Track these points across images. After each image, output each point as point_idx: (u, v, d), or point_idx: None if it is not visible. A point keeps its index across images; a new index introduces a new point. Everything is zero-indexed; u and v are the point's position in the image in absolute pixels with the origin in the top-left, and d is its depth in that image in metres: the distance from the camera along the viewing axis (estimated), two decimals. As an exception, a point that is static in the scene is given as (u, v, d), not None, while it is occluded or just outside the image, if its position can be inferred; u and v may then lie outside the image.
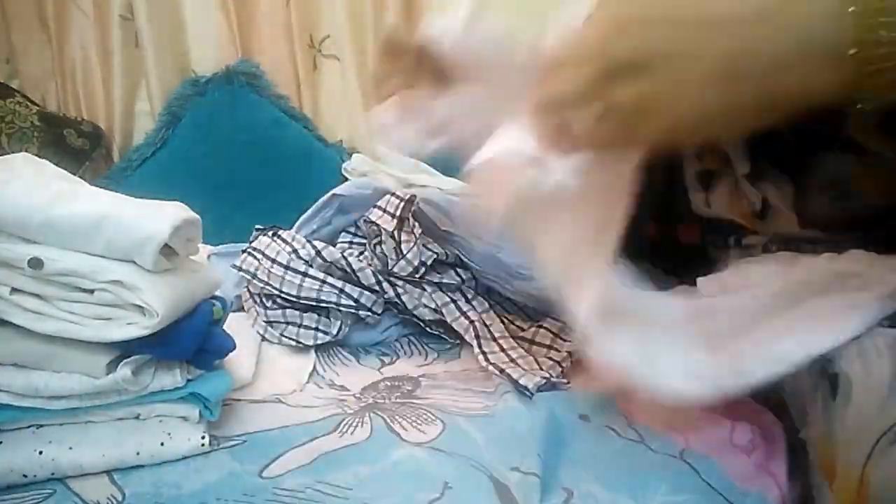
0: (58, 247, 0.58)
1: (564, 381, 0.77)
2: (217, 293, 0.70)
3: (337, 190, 1.08)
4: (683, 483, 0.60)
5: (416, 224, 0.91)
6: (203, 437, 0.62)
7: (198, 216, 0.66)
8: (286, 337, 0.88)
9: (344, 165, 1.47)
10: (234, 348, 0.69)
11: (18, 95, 1.36)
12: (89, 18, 1.41)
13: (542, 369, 0.78)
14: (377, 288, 0.91)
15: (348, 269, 0.91)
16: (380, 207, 0.95)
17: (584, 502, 0.57)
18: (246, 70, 1.43)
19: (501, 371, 0.77)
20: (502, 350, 0.83)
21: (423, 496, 0.57)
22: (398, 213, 0.91)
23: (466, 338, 0.86)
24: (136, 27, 1.39)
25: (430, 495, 0.57)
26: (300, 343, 0.88)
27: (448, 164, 1.48)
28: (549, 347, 0.84)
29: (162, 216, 0.60)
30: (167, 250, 0.60)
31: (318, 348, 0.89)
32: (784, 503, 0.59)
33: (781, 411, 0.67)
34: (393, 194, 0.96)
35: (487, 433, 0.66)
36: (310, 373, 0.83)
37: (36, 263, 0.56)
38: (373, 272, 0.91)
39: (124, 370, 0.58)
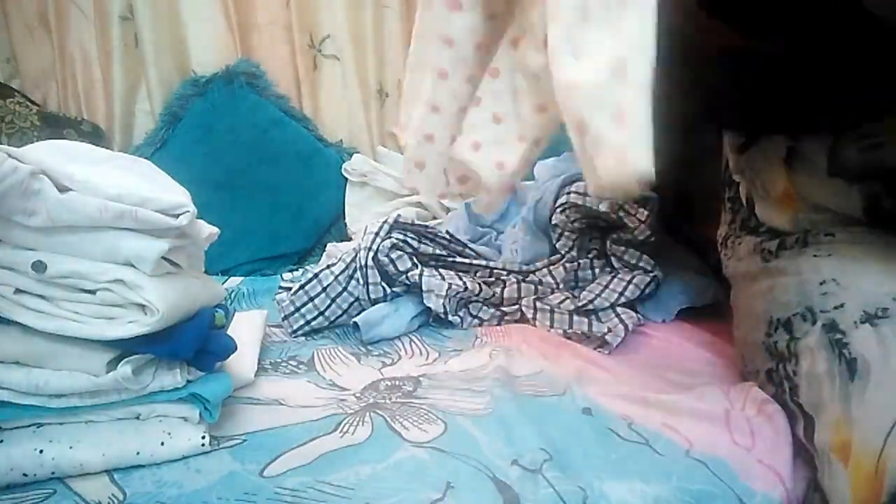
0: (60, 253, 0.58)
1: None
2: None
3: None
4: (694, 476, 0.60)
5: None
6: (203, 437, 0.62)
7: (216, 230, 0.69)
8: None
9: (344, 165, 1.47)
10: (236, 350, 0.69)
11: (18, 95, 1.36)
12: (89, 18, 1.41)
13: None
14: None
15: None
16: None
17: (598, 500, 0.57)
18: (246, 70, 1.43)
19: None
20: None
21: (425, 496, 0.57)
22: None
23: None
24: (136, 27, 1.39)
25: (432, 495, 0.57)
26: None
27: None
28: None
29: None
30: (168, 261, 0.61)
31: (319, 348, 0.90)
32: (789, 500, 0.59)
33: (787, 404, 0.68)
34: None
35: (489, 433, 0.66)
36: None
37: (39, 266, 0.56)
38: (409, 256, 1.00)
39: (124, 368, 0.58)
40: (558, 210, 1.07)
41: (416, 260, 1.00)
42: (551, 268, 1.05)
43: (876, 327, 0.57)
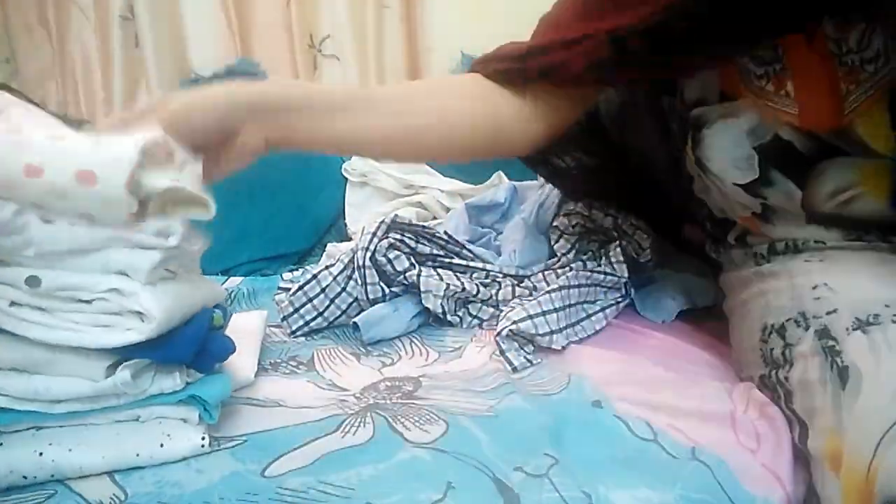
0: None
1: None
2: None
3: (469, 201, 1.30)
4: (698, 482, 0.60)
5: None
6: (203, 438, 0.62)
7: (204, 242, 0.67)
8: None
9: (344, 165, 1.47)
10: (234, 351, 0.69)
11: (18, 95, 1.35)
12: (89, 18, 1.41)
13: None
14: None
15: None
16: None
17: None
18: (246, 70, 1.43)
19: None
20: None
21: (426, 496, 0.57)
22: None
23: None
24: (136, 27, 1.39)
25: (432, 496, 0.57)
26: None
27: (448, 165, 1.49)
28: None
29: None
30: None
31: (319, 348, 0.90)
32: (789, 503, 0.59)
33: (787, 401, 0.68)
34: None
35: (491, 434, 0.66)
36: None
37: (33, 281, 0.56)
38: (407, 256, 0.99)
39: (124, 373, 0.58)
40: (562, 214, 1.08)
41: (413, 260, 1.00)
42: (546, 273, 1.05)
43: (868, 335, 0.57)
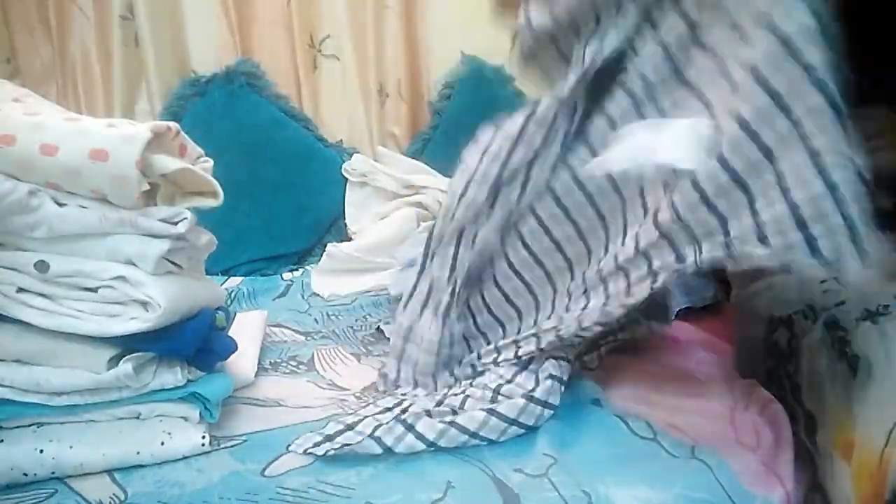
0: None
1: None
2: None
3: None
4: (697, 481, 0.60)
5: None
6: (203, 437, 0.62)
7: (213, 237, 0.69)
8: None
9: (344, 165, 1.47)
10: (236, 350, 0.69)
11: (19, 94, 1.36)
12: (89, 18, 1.40)
13: None
14: None
15: None
16: None
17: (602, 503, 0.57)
18: (246, 70, 1.43)
19: None
20: None
21: (426, 496, 0.57)
22: None
23: None
24: (136, 27, 1.38)
25: (432, 495, 0.57)
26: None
27: (448, 165, 1.49)
28: None
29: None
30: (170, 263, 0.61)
31: (319, 348, 0.90)
32: (789, 502, 0.59)
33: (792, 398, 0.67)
34: None
35: (491, 433, 0.66)
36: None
37: (42, 266, 0.57)
38: None
39: (126, 366, 0.58)
40: None
41: None
42: None
43: (878, 325, 0.58)
